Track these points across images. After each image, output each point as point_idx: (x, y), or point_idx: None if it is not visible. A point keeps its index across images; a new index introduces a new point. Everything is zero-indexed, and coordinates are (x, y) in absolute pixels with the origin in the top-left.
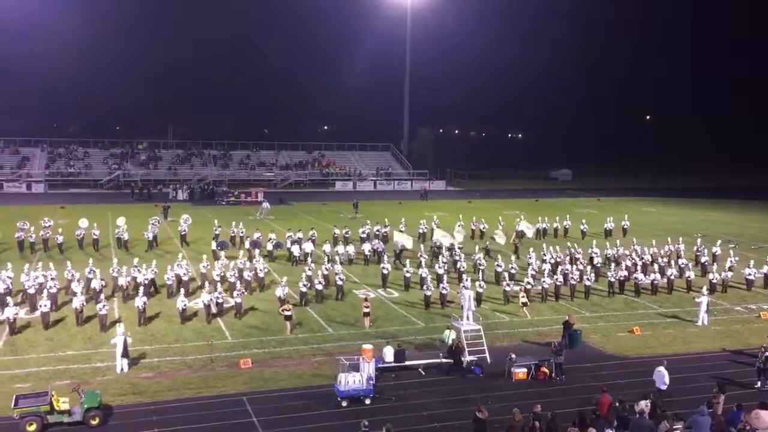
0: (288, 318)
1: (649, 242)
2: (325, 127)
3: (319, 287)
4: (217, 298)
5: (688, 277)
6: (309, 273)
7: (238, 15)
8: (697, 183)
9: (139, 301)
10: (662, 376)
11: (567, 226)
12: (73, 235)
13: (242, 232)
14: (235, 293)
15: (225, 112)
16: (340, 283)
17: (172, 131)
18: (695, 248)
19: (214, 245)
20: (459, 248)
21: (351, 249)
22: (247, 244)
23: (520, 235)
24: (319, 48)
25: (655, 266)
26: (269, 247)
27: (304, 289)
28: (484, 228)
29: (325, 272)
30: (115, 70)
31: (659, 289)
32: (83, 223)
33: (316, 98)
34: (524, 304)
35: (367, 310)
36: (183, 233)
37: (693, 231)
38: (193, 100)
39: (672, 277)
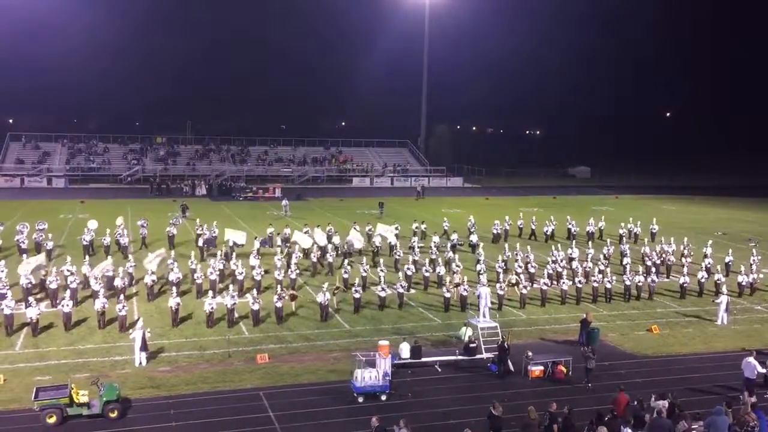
0: (293, 298)
1: (668, 241)
2: (343, 124)
3: (382, 294)
4: (253, 304)
5: (718, 279)
6: (346, 276)
7: (258, 12)
8: (717, 181)
9: (173, 301)
10: (753, 367)
11: (602, 227)
12: (64, 237)
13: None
14: (274, 298)
15: (243, 108)
16: (400, 290)
17: (191, 127)
18: (682, 247)
19: (200, 242)
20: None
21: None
22: (228, 239)
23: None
24: (338, 45)
25: (684, 269)
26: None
27: (357, 296)
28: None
29: (362, 274)
30: (134, 67)
31: (688, 292)
32: (92, 224)
33: (334, 94)
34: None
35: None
36: (171, 235)
37: (713, 229)
38: (211, 96)
39: (702, 280)
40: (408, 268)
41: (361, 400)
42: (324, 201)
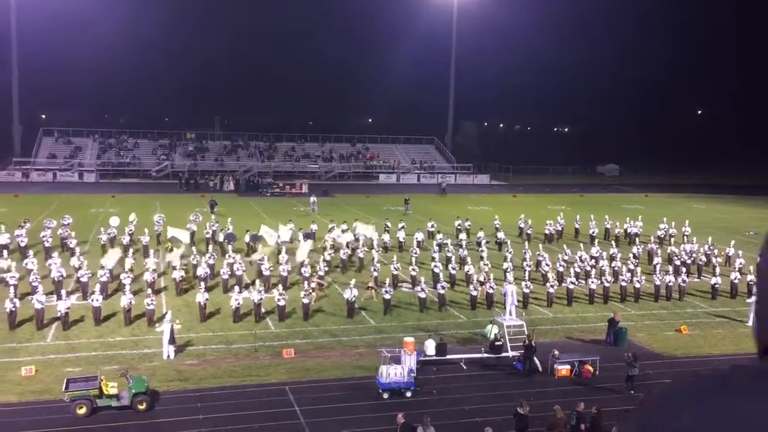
0: (318, 288)
1: (691, 241)
2: (370, 120)
3: (422, 295)
4: (278, 300)
5: (751, 280)
6: (375, 274)
7: (286, 9)
8: (749, 179)
9: (201, 296)
10: None
11: (639, 228)
12: (93, 232)
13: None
14: (301, 294)
15: (271, 104)
16: (441, 291)
17: (219, 123)
18: (706, 247)
19: (221, 237)
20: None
21: (386, 237)
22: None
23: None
24: (366, 41)
25: (717, 269)
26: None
27: (387, 296)
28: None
29: (393, 272)
30: (164, 63)
31: (719, 293)
32: (114, 221)
33: (362, 91)
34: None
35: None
36: (192, 232)
37: (744, 229)
38: (240, 93)
39: (735, 281)
40: (435, 266)
41: (386, 396)
42: (350, 197)
